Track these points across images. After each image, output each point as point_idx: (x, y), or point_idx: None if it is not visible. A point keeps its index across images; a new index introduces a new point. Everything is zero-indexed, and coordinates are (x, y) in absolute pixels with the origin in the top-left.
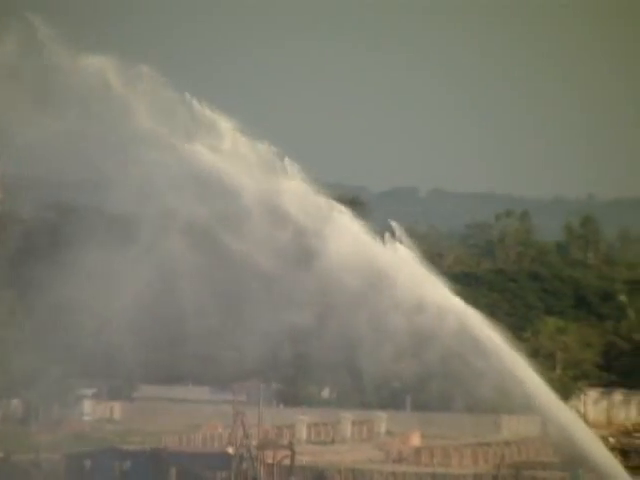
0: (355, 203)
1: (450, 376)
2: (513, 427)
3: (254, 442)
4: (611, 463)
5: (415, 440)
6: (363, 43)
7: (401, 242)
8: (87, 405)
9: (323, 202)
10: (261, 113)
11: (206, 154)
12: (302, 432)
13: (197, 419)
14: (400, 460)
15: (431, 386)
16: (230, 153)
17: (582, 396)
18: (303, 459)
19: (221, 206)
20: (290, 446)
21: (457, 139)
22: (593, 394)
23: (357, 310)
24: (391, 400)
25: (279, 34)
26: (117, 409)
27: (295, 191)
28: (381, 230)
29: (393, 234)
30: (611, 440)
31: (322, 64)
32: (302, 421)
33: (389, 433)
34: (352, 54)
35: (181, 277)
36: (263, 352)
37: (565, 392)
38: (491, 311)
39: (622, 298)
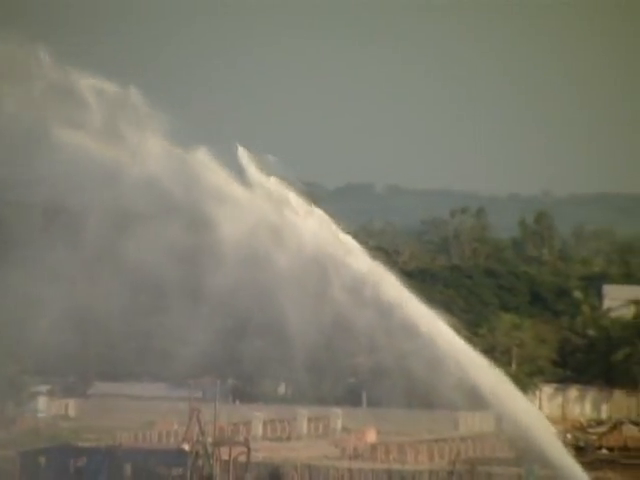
0: (310, 198)
1: (405, 372)
2: (469, 423)
3: (210, 439)
4: (565, 459)
5: (371, 436)
6: (323, 33)
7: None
8: (42, 402)
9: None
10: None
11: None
12: (258, 428)
13: (152, 416)
14: (356, 456)
15: (387, 382)
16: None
17: (537, 392)
18: (259, 455)
19: (166, 197)
20: (246, 443)
21: (413, 135)
22: (548, 390)
23: (311, 305)
24: (347, 396)
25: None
26: (72, 406)
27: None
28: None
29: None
30: (568, 437)
31: (274, 57)
32: (258, 417)
33: (345, 429)
34: (306, 47)
35: (136, 273)
36: (219, 348)
37: (521, 388)
38: (447, 308)
39: (577, 294)
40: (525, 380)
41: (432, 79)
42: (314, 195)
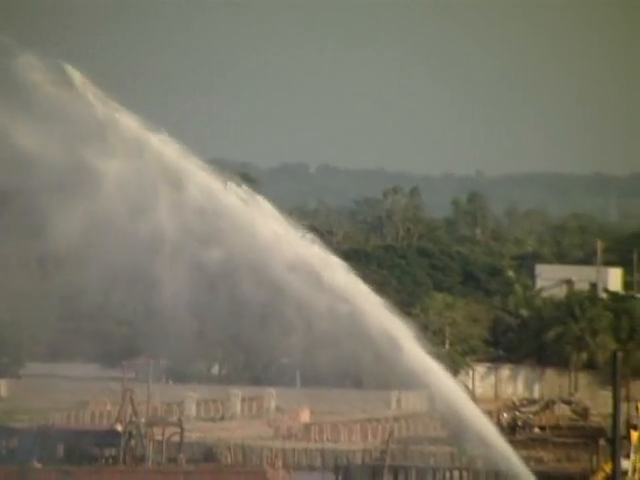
0: (245, 180)
1: (339, 353)
2: (402, 403)
3: (143, 419)
4: (497, 438)
5: (304, 416)
6: (252, 10)
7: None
8: None
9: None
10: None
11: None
12: (191, 409)
13: (85, 396)
14: (289, 436)
15: (320, 363)
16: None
17: (470, 371)
18: (192, 436)
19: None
20: (179, 423)
21: (346, 115)
22: (481, 369)
23: (244, 286)
24: (281, 377)
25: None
26: (4, 387)
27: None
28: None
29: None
30: (505, 416)
31: (206, 39)
32: (191, 398)
33: (278, 409)
34: (236, 25)
35: (70, 253)
36: (152, 329)
37: (454, 367)
38: (380, 288)
39: (510, 274)
40: (458, 359)
41: (365, 60)
42: (248, 176)
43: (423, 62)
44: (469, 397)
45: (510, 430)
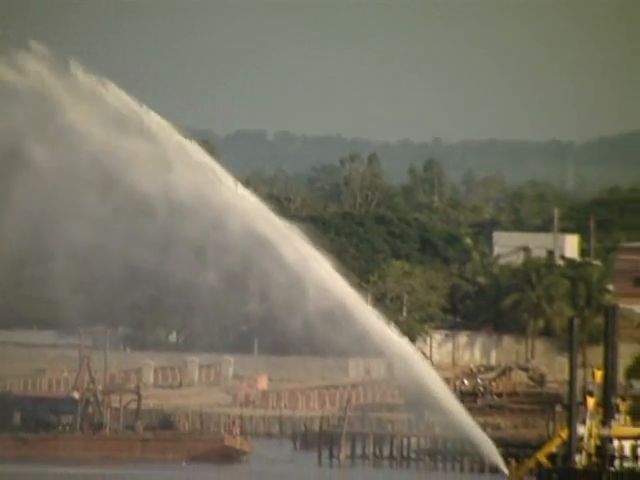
0: (203, 146)
1: (297, 320)
2: (360, 370)
3: (100, 386)
4: (455, 404)
5: (262, 384)
6: None
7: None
8: None
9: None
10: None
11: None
12: (149, 376)
13: (42, 364)
14: (247, 403)
15: (278, 330)
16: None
17: (428, 338)
18: (150, 403)
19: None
20: (136, 390)
21: (304, 81)
22: (438, 336)
23: (202, 252)
24: (238, 344)
25: None
26: None
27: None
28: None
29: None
30: (458, 383)
31: (175, 9)
32: (149, 365)
33: (236, 377)
34: None
35: (24, 220)
36: (110, 296)
37: (411, 335)
38: (338, 255)
39: (467, 241)
40: (416, 327)
41: (324, 24)
42: (207, 143)
43: (380, 29)
44: (427, 364)
45: (468, 397)
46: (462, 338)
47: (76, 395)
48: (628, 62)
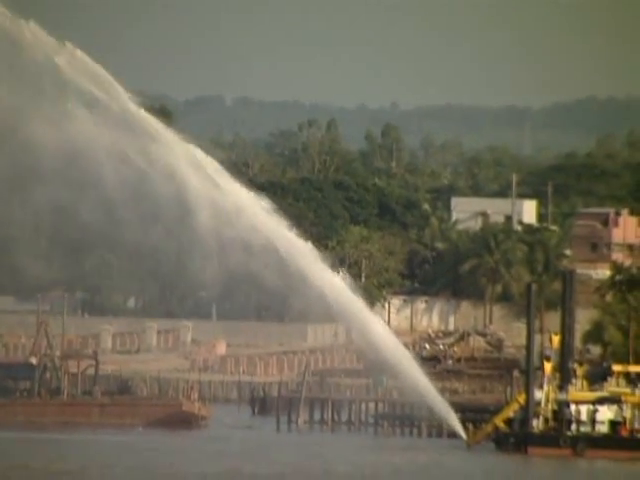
0: (161, 112)
1: (255, 285)
2: (318, 335)
3: (57, 352)
4: (413, 369)
5: (221, 349)
6: None
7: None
8: None
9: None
10: None
11: None
12: (107, 342)
13: (0, 329)
14: (206, 369)
15: (237, 295)
16: None
17: (386, 304)
18: (108, 368)
19: None
20: (94, 356)
21: (262, 45)
22: (396, 302)
23: (162, 219)
24: (197, 309)
25: None
26: None
27: None
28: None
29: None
30: (417, 348)
31: None
32: (107, 331)
33: (195, 342)
34: None
35: None
36: (67, 262)
37: (370, 300)
38: (297, 221)
39: (425, 207)
40: (374, 292)
41: None
42: (165, 108)
43: None
44: (386, 329)
45: (426, 362)
46: (420, 303)
47: (34, 361)
48: (583, 28)
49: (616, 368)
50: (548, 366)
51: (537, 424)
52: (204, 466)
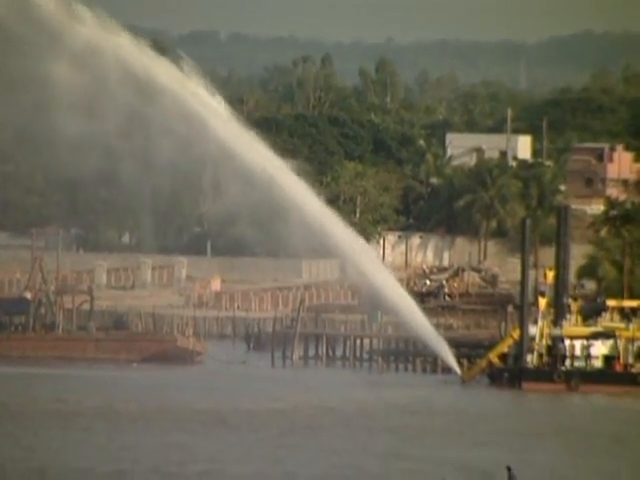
0: (155, 48)
1: (251, 221)
2: (313, 271)
3: (52, 287)
4: (408, 305)
5: (215, 285)
6: None
7: None
8: None
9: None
10: None
11: None
12: (102, 277)
13: None
14: (200, 305)
15: (232, 231)
16: None
17: (381, 240)
18: (102, 304)
19: None
20: (89, 291)
21: None
22: (391, 238)
23: (155, 153)
24: (192, 245)
25: None
26: None
27: None
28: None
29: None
30: (412, 284)
31: None
32: (102, 266)
33: (190, 278)
34: None
35: None
36: (62, 197)
37: (365, 236)
38: (291, 157)
39: (420, 142)
40: (369, 228)
41: None
42: (159, 43)
43: None
44: (381, 265)
45: (419, 297)
46: (415, 239)
47: (28, 296)
48: None
49: (610, 303)
50: (542, 301)
51: (531, 359)
52: (198, 401)
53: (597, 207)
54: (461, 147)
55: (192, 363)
